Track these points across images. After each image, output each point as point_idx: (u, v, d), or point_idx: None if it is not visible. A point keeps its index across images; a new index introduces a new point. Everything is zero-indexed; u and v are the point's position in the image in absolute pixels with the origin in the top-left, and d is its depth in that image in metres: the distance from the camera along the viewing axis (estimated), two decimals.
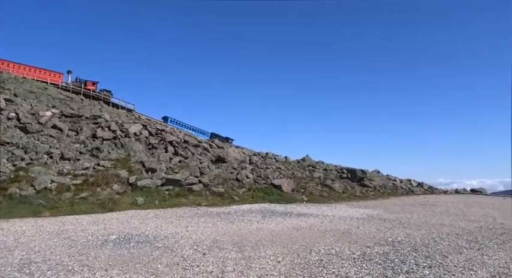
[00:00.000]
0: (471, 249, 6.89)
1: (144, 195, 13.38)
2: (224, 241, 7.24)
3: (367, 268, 5.42)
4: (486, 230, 9.16)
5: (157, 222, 9.51)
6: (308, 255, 6.21)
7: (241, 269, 5.25)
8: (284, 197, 16.12)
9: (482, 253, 6.59)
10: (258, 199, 15.42)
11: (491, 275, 5.18)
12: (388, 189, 22.15)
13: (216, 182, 16.36)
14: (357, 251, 6.56)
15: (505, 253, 6.56)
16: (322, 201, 16.58)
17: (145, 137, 21.46)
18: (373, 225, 9.78)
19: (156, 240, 7.23)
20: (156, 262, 5.57)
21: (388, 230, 9.01)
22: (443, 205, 16.11)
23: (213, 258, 5.86)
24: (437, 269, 5.43)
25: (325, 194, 18.05)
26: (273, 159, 25.34)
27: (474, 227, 9.72)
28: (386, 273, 5.18)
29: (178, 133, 25.42)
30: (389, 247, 6.95)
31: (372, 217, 11.45)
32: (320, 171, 22.68)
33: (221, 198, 14.69)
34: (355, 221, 10.58)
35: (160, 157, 19.15)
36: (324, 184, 19.78)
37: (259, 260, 5.75)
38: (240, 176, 17.37)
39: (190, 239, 7.43)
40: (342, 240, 7.63)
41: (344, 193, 19.13)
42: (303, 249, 6.67)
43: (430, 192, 24.85)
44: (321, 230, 8.86)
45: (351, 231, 8.80)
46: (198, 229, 8.57)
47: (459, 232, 8.78)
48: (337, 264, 5.63)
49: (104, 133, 20.32)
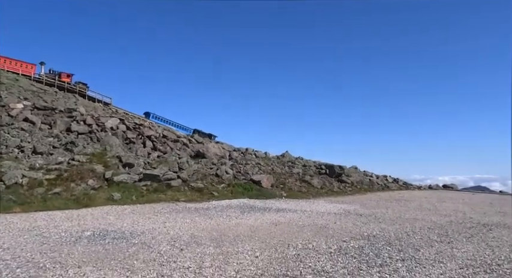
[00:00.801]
0: (442, 242, 7.15)
1: (121, 190, 13.11)
2: (202, 237, 7.20)
3: (342, 262, 5.53)
4: (456, 225, 9.52)
5: (134, 218, 9.34)
6: (286, 250, 6.26)
7: (219, 264, 5.23)
8: (263, 192, 16.18)
9: (452, 246, 6.85)
10: (238, 194, 15.41)
11: (459, 267, 5.40)
12: (365, 185, 22.63)
13: (195, 177, 16.23)
14: (333, 246, 6.68)
15: (472, 246, 6.85)
16: (301, 196, 16.76)
17: (122, 131, 20.97)
18: (349, 220, 9.98)
19: (132, 236, 7.11)
20: (132, 258, 5.47)
21: (364, 225, 9.22)
22: (417, 200, 16.63)
23: (190, 254, 5.82)
24: (410, 262, 5.60)
25: (304, 189, 18.25)
26: (253, 154, 25.37)
27: (445, 221, 10.08)
28: (361, 266, 5.30)
29: (157, 128, 25.00)
30: (364, 241, 7.11)
31: (349, 212, 11.68)
32: (299, 167, 22.89)
33: (200, 193, 14.58)
34: (333, 216, 10.76)
35: (138, 152, 18.78)
36: (303, 179, 19.99)
37: (237, 256, 5.75)
38: (219, 171, 17.29)
39: (168, 235, 7.34)
40: (319, 235, 7.75)
41: (322, 188, 19.41)
42: (281, 244, 6.73)
43: (405, 187, 25.59)
44: (299, 225, 8.96)
45: (328, 226, 8.95)
46: (176, 225, 8.48)
47: (431, 226, 9.09)
48: (313, 258, 5.72)
49: (79, 127, 19.71)
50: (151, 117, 42.48)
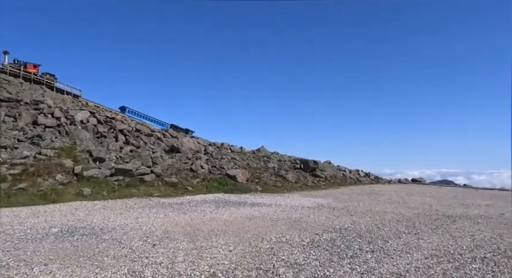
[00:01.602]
0: (409, 234, 7.43)
1: (91, 185, 12.72)
2: (176, 232, 7.11)
3: (315, 254, 5.63)
4: (423, 217, 9.92)
5: (105, 214, 9.09)
6: (260, 243, 6.30)
7: (192, 259, 5.19)
8: (238, 187, 16.19)
9: (418, 237, 7.13)
10: (213, 189, 15.35)
11: (425, 257, 5.63)
12: (338, 179, 23.16)
13: (169, 172, 16.00)
14: (306, 239, 6.78)
15: (437, 237, 7.16)
16: (276, 190, 16.91)
17: (93, 125, 20.31)
18: (322, 214, 10.17)
19: (103, 232, 6.91)
20: (102, 255, 5.33)
21: (336, 218, 9.42)
22: (387, 193, 17.20)
23: (163, 249, 5.73)
24: (379, 253, 5.79)
25: (278, 184, 18.42)
26: (229, 149, 25.30)
27: (413, 214, 10.49)
28: (332, 258, 5.42)
29: (130, 122, 24.37)
30: (336, 234, 7.27)
31: (322, 206, 11.90)
32: (274, 162, 23.07)
33: (174, 188, 14.40)
34: (307, 210, 10.93)
35: (109, 146, 18.26)
36: (278, 174, 20.17)
37: (210, 250, 5.73)
38: (194, 166, 17.13)
39: (140, 230, 7.20)
40: (293, 228, 7.85)
41: (297, 183, 19.67)
42: (255, 238, 6.76)
43: (376, 181, 26.38)
44: (274, 219, 9.04)
45: (301, 219, 9.08)
46: (148, 220, 8.33)
47: (400, 219, 9.43)
48: (287, 251, 5.79)
49: (47, 120, 18.90)
50: (127, 112, 41.23)
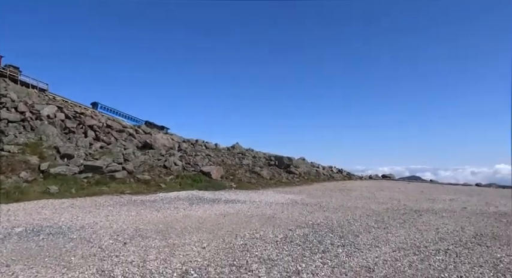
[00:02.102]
0: (378, 228, 7.68)
1: (59, 183, 12.24)
2: (148, 230, 6.98)
3: (288, 250, 5.70)
4: (392, 211, 10.28)
5: (73, 212, 8.78)
6: (233, 240, 6.30)
7: (165, 257, 5.12)
8: (213, 184, 16.11)
9: (387, 231, 7.39)
10: (186, 186, 15.18)
11: (392, 250, 5.84)
12: (312, 176, 23.54)
13: (141, 169, 15.66)
14: (279, 235, 6.85)
15: (404, 231, 7.45)
16: (251, 187, 16.96)
17: (60, 120, 19.50)
18: (296, 209, 10.31)
19: (70, 231, 6.68)
20: (70, 255, 5.14)
21: (309, 214, 9.58)
22: (359, 189, 17.68)
23: (134, 247, 5.61)
24: (349, 247, 5.94)
25: (253, 181, 18.49)
26: (203, 146, 25.09)
27: (382, 208, 10.84)
28: (304, 253, 5.51)
29: (100, 117, 23.58)
30: (309, 229, 7.40)
31: (296, 202, 12.06)
32: (249, 159, 23.11)
33: (147, 185, 14.12)
34: (280, 206, 11.04)
35: (78, 143, 17.61)
36: (253, 171, 20.23)
37: (183, 247, 5.67)
38: (167, 163, 16.86)
39: (111, 228, 7.01)
40: (266, 224, 7.90)
41: (271, 179, 19.82)
42: (229, 234, 6.76)
43: (348, 177, 27.05)
44: (248, 216, 9.07)
45: (275, 216, 9.16)
46: (119, 218, 8.13)
47: (370, 214, 9.72)
48: (260, 247, 5.82)
49: (10, 114, 17.94)
50: (99, 108, 39.73)
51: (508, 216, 9.60)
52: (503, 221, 8.73)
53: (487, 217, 9.46)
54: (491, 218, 9.26)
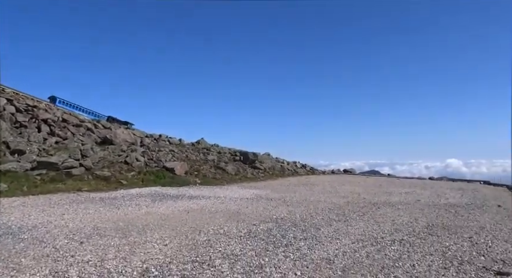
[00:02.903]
0: (339, 221, 7.94)
1: (9, 180, 11.44)
2: (107, 228, 6.72)
3: (251, 245, 5.74)
4: (352, 205, 10.67)
5: (24, 211, 8.25)
6: (197, 236, 6.23)
7: (124, 255, 4.95)
8: (177, 180, 15.82)
9: (347, 224, 7.65)
10: (149, 182, 14.79)
11: (352, 242, 6.07)
12: (277, 171, 23.84)
13: (101, 165, 15.02)
14: (243, 230, 6.88)
15: (363, 223, 7.76)
16: (215, 183, 16.87)
17: (10, 114, 18.17)
18: (260, 204, 10.39)
19: (21, 231, 6.26)
20: (20, 256, 4.82)
21: (273, 208, 9.70)
22: (321, 184, 18.16)
23: (92, 246, 5.38)
24: (311, 240, 6.09)
25: (218, 176, 18.39)
26: (167, 141, 24.54)
27: (343, 202, 11.22)
28: (268, 247, 5.57)
29: (55, 111, 22.27)
30: (273, 224, 7.49)
31: (261, 197, 12.16)
32: (214, 154, 22.94)
33: (106, 182, 13.58)
34: (245, 201, 11.08)
35: (30, 138, 16.52)
36: (218, 166, 20.11)
37: (144, 245, 5.52)
38: (129, 159, 16.31)
39: (66, 227, 6.67)
40: (231, 220, 7.90)
41: (236, 175, 19.82)
42: (192, 231, 6.68)
43: (311, 172, 27.70)
44: (212, 212, 9.01)
45: (240, 211, 9.18)
46: (76, 217, 7.75)
47: (331, 207, 10.02)
48: (224, 243, 5.81)
49: None
50: (57, 102, 37.26)
51: (457, 207, 10.31)
52: (452, 212, 9.36)
53: (438, 208, 10.09)
54: (441, 209, 9.89)
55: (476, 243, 6.03)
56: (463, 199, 12.30)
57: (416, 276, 4.35)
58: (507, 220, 8.30)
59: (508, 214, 9.10)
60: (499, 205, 10.82)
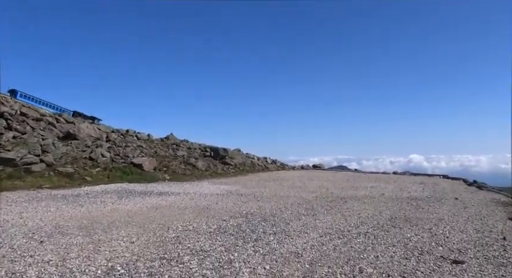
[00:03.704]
0: (308, 215, 8.09)
1: None
2: (69, 226, 6.44)
3: (221, 240, 5.72)
4: (320, 199, 10.91)
5: None
6: (165, 233, 6.13)
7: (88, 254, 4.77)
8: (145, 176, 15.46)
9: (315, 218, 7.82)
10: (115, 179, 14.33)
11: (320, 235, 6.21)
12: (247, 166, 23.90)
13: (63, 161, 14.37)
14: (213, 225, 6.84)
15: (331, 217, 7.96)
16: (185, 179, 16.64)
17: None
18: (231, 200, 10.38)
19: None
20: None
21: (243, 204, 9.72)
22: (291, 179, 18.42)
23: (53, 245, 5.13)
24: (280, 235, 6.17)
25: (188, 172, 18.15)
26: (134, 136, 23.85)
27: (312, 197, 11.44)
28: (237, 243, 5.58)
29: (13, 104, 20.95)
30: (243, 219, 7.50)
31: (231, 193, 12.15)
32: (184, 150, 22.61)
33: (69, 179, 13.02)
34: (215, 197, 11.02)
35: None
36: (188, 162, 19.85)
37: (110, 243, 5.34)
38: (94, 154, 15.71)
39: (25, 226, 6.33)
40: (200, 216, 7.83)
41: (207, 171, 19.66)
42: (160, 227, 6.55)
43: (281, 168, 28.01)
44: (181, 208, 8.89)
45: (210, 207, 9.12)
46: (36, 215, 7.37)
47: (300, 202, 10.19)
48: (193, 239, 5.75)
49: None
50: (18, 96, 34.87)
51: (418, 200, 10.82)
52: (414, 205, 9.81)
53: (401, 202, 10.54)
54: (404, 202, 10.34)
55: (435, 234, 6.36)
56: (423, 193, 12.92)
57: (379, 267, 4.52)
58: (463, 211, 8.83)
59: (464, 206, 9.68)
60: (456, 197, 11.48)
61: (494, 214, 8.53)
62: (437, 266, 4.58)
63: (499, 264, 4.69)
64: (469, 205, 9.96)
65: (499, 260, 4.83)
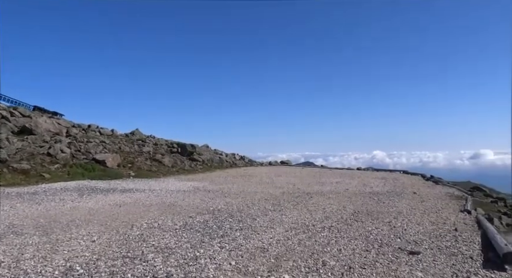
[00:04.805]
0: (274, 211, 8.19)
1: None
2: (24, 225, 6.10)
3: (187, 237, 5.65)
4: (287, 195, 11.07)
5: None
6: (129, 231, 5.96)
7: (44, 254, 4.54)
8: (108, 173, 14.92)
9: (282, 213, 7.93)
10: (76, 175, 13.72)
11: (285, 230, 6.31)
12: (215, 163, 23.74)
13: (18, 157, 13.54)
14: (179, 222, 6.74)
15: (297, 212, 8.11)
16: (151, 175, 16.26)
17: None
18: (198, 196, 10.28)
19: None
20: None
21: (210, 200, 9.66)
22: (259, 175, 18.53)
23: (5, 246, 4.84)
24: (247, 230, 6.20)
25: (154, 168, 17.75)
26: (97, 131, 22.94)
27: (279, 192, 11.59)
28: (203, 239, 5.54)
29: None
30: (209, 216, 7.46)
31: (198, 189, 12.02)
32: (150, 146, 22.07)
33: (25, 176, 12.30)
34: (182, 193, 10.87)
35: None
36: (154, 158, 19.40)
37: (69, 242, 5.12)
38: (52, 150, 14.93)
39: None
40: (166, 213, 7.69)
41: (174, 167, 19.32)
42: (124, 225, 6.37)
43: (250, 164, 28.10)
44: (146, 205, 8.68)
45: (176, 203, 8.98)
46: None
47: (268, 198, 10.28)
48: (158, 236, 5.64)
49: None
50: None
51: (379, 195, 11.27)
52: (375, 200, 10.21)
53: (363, 196, 10.93)
54: (366, 197, 10.74)
55: (394, 227, 6.67)
56: (385, 188, 13.48)
57: (342, 259, 4.67)
58: (420, 205, 9.31)
59: (421, 200, 10.21)
60: (414, 192, 12.09)
61: (448, 207, 9.07)
62: (395, 257, 4.81)
63: (450, 254, 5.00)
64: (426, 199, 10.52)
65: (450, 250, 5.16)
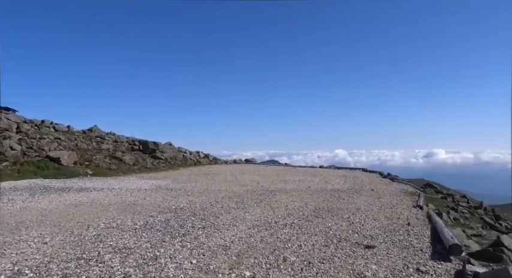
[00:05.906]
0: (238, 209, 8.20)
1: None
2: None
3: (147, 236, 5.51)
4: (251, 193, 11.13)
5: None
6: (84, 231, 5.71)
7: None
8: (63, 171, 14.17)
9: (245, 211, 7.96)
10: (28, 174, 12.90)
11: (248, 227, 6.34)
12: (179, 161, 23.31)
13: None
14: (139, 222, 6.56)
15: (260, 209, 8.18)
16: (110, 174, 15.65)
17: None
18: (160, 195, 10.05)
19: None
20: None
21: (173, 199, 9.48)
22: (223, 173, 18.44)
23: None
24: (209, 229, 6.16)
25: (113, 167, 17.09)
26: (51, 128, 21.67)
27: (243, 190, 11.62)
28: (164, 238, 5.43)
29: None
30: (171, 214, 7.32)
31: (160, 188, 11.76)
32: (110, 143, 21.22)
33: None
34: (143, 192, 10.58)
35: None
36: (114, 156, 18.68)
37: (17, 245, 4.80)
38: (1, 147, 13.91)
39: None
40: (125, 212, 7.45)
41: (135, 165, 18.73)
42: (80, 226, 6.09)
43: (214, 162, 27.89)
44: (104, 204, 8.36)
45: (136, 202, 8.73)
46: None
47: (231, 196, 10.28)
48: (116, 236, 5.45)
49: None
50: None
51: (340, 192, 11.66)
52: (336, 196, 10.55)
53: (325, 193, 11.25)
54: (327, 194, 11.06)
55: (353, 222, 6.93)
56: (345, 185, 13.96)
57: (302, 255, 4.79)
58: (377, 201, 9.75)
59: (378, 197, 10.69)
60: (372, 189, 12.63)
61: (403, 202, 9.58)
62: (352, 251, 5.00)
63: (403, 247, 5.29)
64: (383, 195, 11.03)
65: (403, 244, 5.45)
